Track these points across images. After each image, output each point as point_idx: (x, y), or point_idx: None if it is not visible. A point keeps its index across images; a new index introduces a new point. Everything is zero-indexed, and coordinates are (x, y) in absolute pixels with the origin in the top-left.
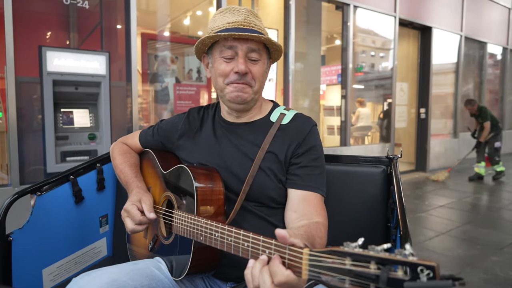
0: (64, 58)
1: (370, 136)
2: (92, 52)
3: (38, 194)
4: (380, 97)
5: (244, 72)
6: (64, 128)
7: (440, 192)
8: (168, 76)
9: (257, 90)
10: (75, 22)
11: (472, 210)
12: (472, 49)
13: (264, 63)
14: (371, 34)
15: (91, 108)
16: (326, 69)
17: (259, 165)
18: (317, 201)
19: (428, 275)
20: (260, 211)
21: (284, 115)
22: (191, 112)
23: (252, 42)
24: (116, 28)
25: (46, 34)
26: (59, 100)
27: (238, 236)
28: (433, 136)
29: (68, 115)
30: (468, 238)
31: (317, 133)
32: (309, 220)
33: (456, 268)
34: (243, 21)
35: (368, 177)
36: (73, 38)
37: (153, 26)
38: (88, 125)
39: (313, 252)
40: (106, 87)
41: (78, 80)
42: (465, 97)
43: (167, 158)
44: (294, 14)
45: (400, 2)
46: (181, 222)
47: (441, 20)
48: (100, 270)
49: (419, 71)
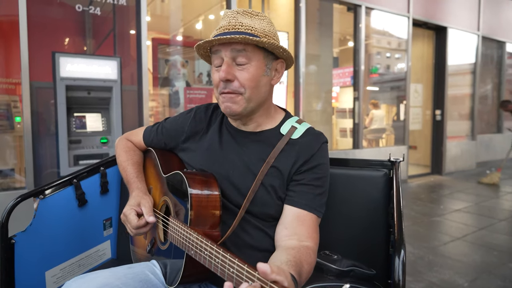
0: (76, 64)
1: (385, 139)
2: (103, 58)
3: (41, 197)
4: (395, 99)
5: (226, 79)
6: (77, 132)
7: (456, 195)
8: (179, 80)
9: (249, 97)
10: (87, 28)
11: (489, 215)
12: (490, 48)
13: (258, 66)
14: (384, 35)
15: (103, 113)
16: (339, 71)
17: (262, 180)
18: (311, 222)
19: None
20: (258, 222)
21: (296, 129)
22: (197, 112)
23: (236, 44)
24: (129, 34)
25: (60, 40)
26: (72, 105)
27: (225, 259)
28: (449, 138)
29: (81, 119)
30: (485, 244)
31: (326, 151)
32: (299, 241)
33: (472, 274)
34: (227, 25)
35: (369, 181)
36: (89, 44)
37: (166, 31)
38: (100, 129)
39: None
40: (118, 91)
41: (90, 85)
42: (483, 98)
43: (169, 160)
44: (304, 16)
45: (413, 2)
46: (175, 231)
47: (456, 20)
48: (93, 273)
49: (434, 72)
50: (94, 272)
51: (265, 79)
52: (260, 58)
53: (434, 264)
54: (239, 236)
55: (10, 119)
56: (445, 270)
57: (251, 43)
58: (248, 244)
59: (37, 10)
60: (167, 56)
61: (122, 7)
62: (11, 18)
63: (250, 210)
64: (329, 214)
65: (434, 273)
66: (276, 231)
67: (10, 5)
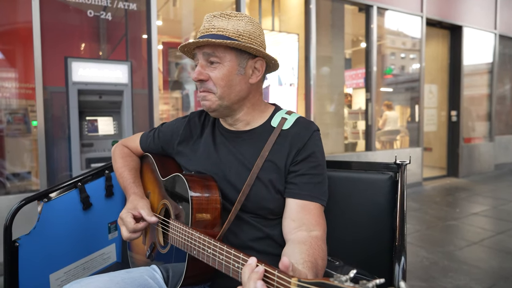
0: (88, 68)
1: (399, 141)
2: (115, 62)
3: (45, 200)
4: (409, 100)
5: (198, 79)
6: (89, 136)
7: (473, 198)
8: (189, 83)
9: (221, 95)
10: (103, 33)
11: (509, 219)
12: (508, 47)
13: (230, 65)
14: (397, 35)
15: (115, 116)
16: (352, 73)
17: (257, 174)
18: (316, 210)
19: None
20: (256, 222)
21: (286, 120)
22: (192, 117)
23: (206, 47)
24: (140, 38)
25: (73, 45)
26: (84, 109)
27: (229, 255)
28: (466, 139)
29: (92, 123)
30: (503, 249)
31: (319, 139)
32: (308, 232)
33: (489, 281)
34: (203, 29)
35: (374, 185)
36: (102, 49)
37: (178, 35)
38: (112, 133)
39: (301, 282)
40: (129, 95)
41: (102, 89)
42: (501, 99)
43: (166, 164)
44: (315, 18)
45: (427, 1)
46: (176, 232)
47: (472, 18)
48: (91, 278)
49: (449, 72)
50: (92, 277)
51: (238, 78)
52: (232, 58)
53: (449, 270)
54: (236, 235)
55: (28, 123)
56: (461, 276)
57: (219, 45)
58: (245, 245)
59: (50, 16)
60: (178, 59)
61: (134, 12)
62: (26, 24)
63: (247, 206)
64: (331, 218)
65: (449, 279)
66: (283, 225)
67: (25, 12)
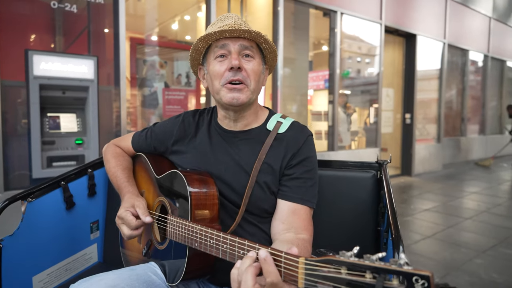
0: (51, 62)
1: (357, 141)
2: (80, 56)
3: (29, 200)
4: (366, 103)
5: (238, 67)
6: (50, 133)
7: (425, 196)
8: (157, 81)
9: (253, 89)
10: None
11: (456, 214)
12: (455, 56)
13: (259, 63)
14: (358, 40)
15: (79, 113)
16: (313, 75)
17: (256, 178)
18: (306, 214)
19: (423, 284)
20: (252, 219)
21: (281, 124)
22: (185, 116)
23: (243, 39)
24: (104, 32)
25: (32, 37)
26: (45, 105)
27: (234, 243)
28: (418, 141)
29: (54, 119)
30: (453, 241)
31: (313, 144)
32: (295, 234)
33: (442, 271)
34: (233, 23)
35: (358, 182)
36: (58, 42)
37: (141, 30)
38: (75, 130)
39: (308, 261)
40: (94, 91)
41: (66, 84)
42: (449, 103)
43: (160, 163)
44: (282, 20)
45: (385, 10)
46: (175, 227)
47: (425, 28)
48: (98, 276)
49: (404, 77)
50: (98, 275)
51: (262, 77)
52: (259, 58)
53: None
54: (236, 232)
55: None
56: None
57: (255, 42)
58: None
59: (8, 6)
60: (145, 56)
61: (99, 5)
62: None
63: (247, 208)
64: (319, 215)
65: None
66: (272, 225)
67: None
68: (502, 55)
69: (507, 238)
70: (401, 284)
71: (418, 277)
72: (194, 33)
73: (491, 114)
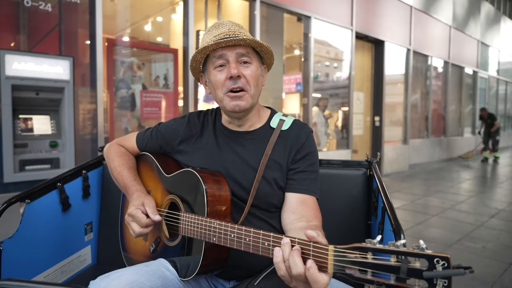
0: (24, 62)
1: (328, 143)
2: (55, 57)
3: (28, 201)
4: (336, 106)
5: (237, 75)
6: (23, 136)
7: (394, 195)
8: (135, 83)
9: (253, 94)
10: (34, 25)
11: (424, 211)
12: (419, 62)
13: (257, 67)
14: (327, 45)
15: (52, 115)
16: (285, 78)
17: (263, 174)
18: (314, 204)
19: (443, 265)
20: (261, 214)
21: (284, 121)
22: (191, 117)
23: (239, 47)
24: (76, 32)
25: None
26: (18, 106)
27: (257, 236)
28: (386, 142)
29: (27, 121)
30: (422, 237)
31: (313, 140)
32: (307, 222)
33: None
34: (227, 31)
35: (350, 180)
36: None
37: (112, 31)
38: (49, 132)
39: (337, 248)
40: (70, 93)
41: (40, 85)
42: (414, 106)
43: (167, 162)
44: (259, 24)
45: (356, 17)
46: (190, 224)
47: (392, 34)
48: (117, 272)
49: (373, 81)
50: (117, 271)
51: (261, 79)
52: (257, 61)
53: None
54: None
55: None
56: None
57: (250, 46)
58: None
59: None
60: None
61: (72, 4)
62: None
63: (255, 203)
64: None
65: None
66: (282, 217)
67: None
68: (461, 61)
69: (470, 232)
70: (424, 266)
71: (439, 259)
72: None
73: (452, 117)
